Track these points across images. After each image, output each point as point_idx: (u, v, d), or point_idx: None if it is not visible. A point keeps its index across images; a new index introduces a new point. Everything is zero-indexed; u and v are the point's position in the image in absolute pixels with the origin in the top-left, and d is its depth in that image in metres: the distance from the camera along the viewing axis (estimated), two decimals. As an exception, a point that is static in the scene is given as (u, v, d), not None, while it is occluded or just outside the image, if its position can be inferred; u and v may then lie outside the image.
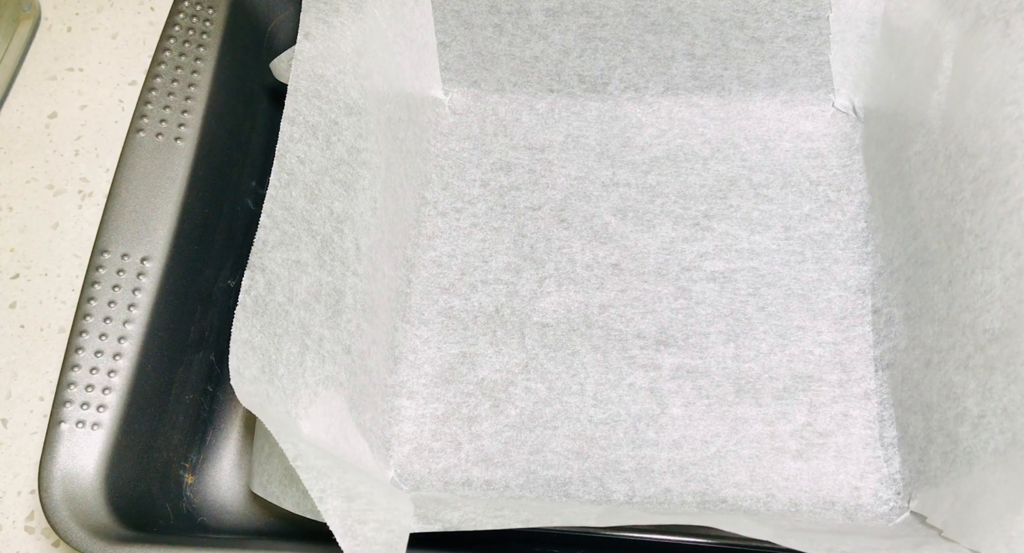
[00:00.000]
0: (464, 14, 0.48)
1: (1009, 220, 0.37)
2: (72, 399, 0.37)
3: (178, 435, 0.42)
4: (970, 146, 0.39)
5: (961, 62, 0.40)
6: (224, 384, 0.45)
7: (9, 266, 0.50)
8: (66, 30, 0.57)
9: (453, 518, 0.33)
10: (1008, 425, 0.35)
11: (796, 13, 0.48)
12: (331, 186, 0.40)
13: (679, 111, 0.51)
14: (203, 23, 0.45)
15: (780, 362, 0.44)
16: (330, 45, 0.42)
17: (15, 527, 0.44)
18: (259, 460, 0.38)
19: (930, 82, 0.42)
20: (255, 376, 0.35)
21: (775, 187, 0.49)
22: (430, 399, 0.44)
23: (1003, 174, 0.37)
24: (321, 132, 0.40)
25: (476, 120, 0.52)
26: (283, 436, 0.32)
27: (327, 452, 0.35)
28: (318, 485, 0.31)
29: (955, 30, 0.41)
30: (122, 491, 0.37)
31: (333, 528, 0.31)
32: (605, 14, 0.48)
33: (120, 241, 0.40)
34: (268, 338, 0.36)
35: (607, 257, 0.47)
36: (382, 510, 0.33)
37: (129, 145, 0.42)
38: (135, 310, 0.39)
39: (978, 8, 0.40)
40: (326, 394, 0.38)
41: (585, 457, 0.42)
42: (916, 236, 0.43)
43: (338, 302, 0.40)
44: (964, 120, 0.40)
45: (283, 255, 0.37)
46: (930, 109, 0.42)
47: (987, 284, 0.37)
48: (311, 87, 0.41)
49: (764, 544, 0.34)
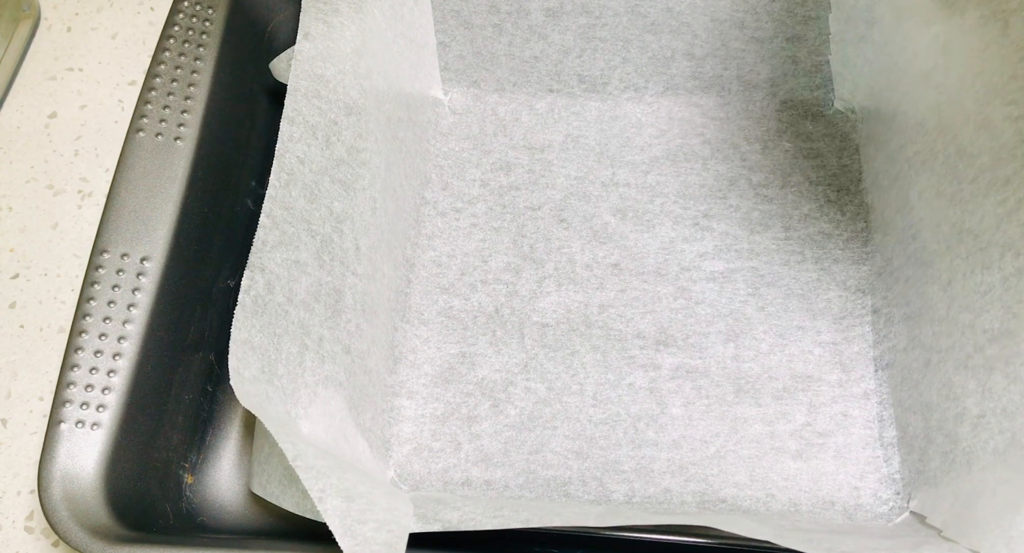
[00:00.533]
0: (464, 14, 0.48)
1: (1008, 220, 0.37)
2: (72, 399, 0.37)
3: (178, 435, 0.42)
4: (969, 146, 0.39)
5: (960, 62, 0.40)
6: (224, 384, 0.45)
7: (9, 266, 0.50)
8: (66, 30, 0.57)
9: (453, 518, 0.33)
10: (1008, 425, 0.35)
11: (796, 13, 0.48)
12: (331, 186, 0.40)
13: (679, 111, 0.51)
14: (203, 23, 0.45)
15: (780, 362, 0.44)
16: (330, 45, 0.42)
17: (15, 527, 0.44)
18: (259, 460, 0.38)
19: (929, 82, 0.42)
20: (255, 376, 0.35)
21: (775, 187, 0.49)
22: (430, 399, 0.44)
23: (1002, 174, 0.37)
24: (321, 132, 0.40)
25: (476, 120, 0.52)
26: (282, 436, 0.32)
27: (327, 452, 0.35)
28: (318, 485, 0.31)
29: (955, 30, 0.41)
30: (122, 491, 0.37)
31: (333, 528, 0.31)
32: (605, 14, 0.48)
33: (120, 241, 0.40)
34: (267, 338, 0.36)
35: (607, 257, 0.47)
36: (381, 510, 0.33)
37: (129, 145, 0.42)
38: (135, 310, 0.39)
39: (978, 8, 0.40)
40: (325, 394, 0.38)
41: (585, 457, 0.42)
42: (916, 236, 0.43)
43: (338, 302, 0.40)
44: (963, 120, 0.40)
45: (283, 255, 0.37)
46: (929, 109, 0.42)
47: (987, 284, 0.37)
48: (311, 87, 0.41)
49: (764, 544, 0.34)
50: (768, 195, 0.49)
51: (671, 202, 0.49)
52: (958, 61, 0.41)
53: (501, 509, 0.34)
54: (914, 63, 0.44)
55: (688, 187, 0.49)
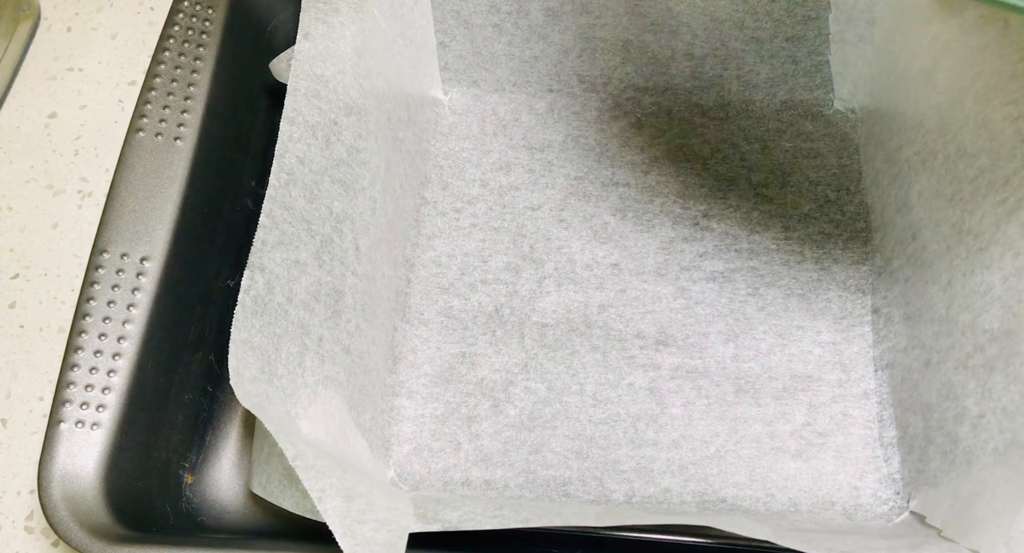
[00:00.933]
0: (464, 14, 0.48)
1: (1008, 220, 0.37)
2: (71, 399, 0.37)
3: (177, 435, 0.42)
4: (969, 146, 0.39)
5: (960, 62, 0.40)
6: (224, 384, 0.45)
7: (9, 266, 0.50)
8: (66, 30, 0.57)
9: (452, 518, 0.33)
10: (1008, 425, 0.35)
11: (795, 13, 0.48)
12: (330, 186, 0.40)
13: (679, 111, 0.51)
14: (203, 23, 0.45)
15: (779, 362, 0.44)
16: (329, 45, 0.42)
17: (14, 527, 0.44)
18: (259, 460, 0.38)
19: (929, 82, 0.42)
20: (255, 376, 0.35)
21: (774, 187, 0.49)
22: (429, 399, 0.44)
23: (1002, 174, 0.37)
24: (320, 132, 0.40)
25: (476, 120, 0.52)
26: (282, 436, 0.32)
27: (327, 452, 0.35)
28: (317, 485, 0.31)
29: (955, 30, 0.41)
30: (121, 491, 0.37)
31: (333, 528, 0.31)
32: (605, 14, 0.48)
33: (119, 241, 0.40)
34: (267, 338, 0.36)
35: (607, 257, 0.47)
36: (381, 510, 0.33)
37: (129, 145, 0.42)
38: (134, 310, 0.39)
39: (977, 7, 0.40)
40: (325, 394, 0.38)
41: (585, 457, 0.42)
42: (915, 236, 0.43)
43: (337, 302, 0.40)
44: (963, 120, 0.40)
45: (282, 255, 0.37)
46: (929, 109, 0.42)
47: (986, 284, 0.37)
48: (310, 87, 0.41)
49: (764, 544, 0.34)
50: (768, 195, 0.49)
51: (671, 202, 0.49)
52: (958, 61, 0.41)
53: (501, 509, 0.34)
54: (914, 63, 0.44)
55: (688, 187, 0.49)
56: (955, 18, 0.41)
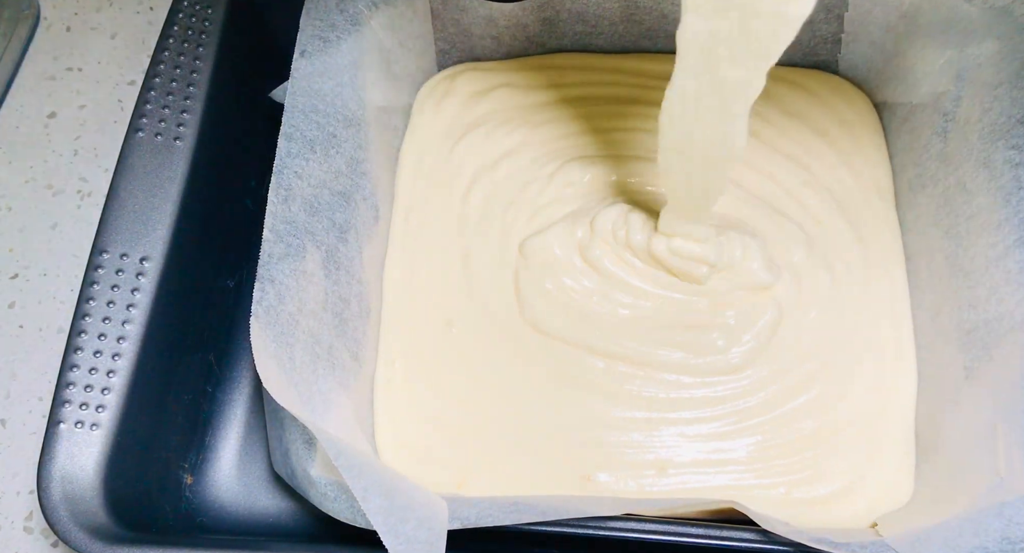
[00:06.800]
0: (463, 23, 0.48)
1: (996, 266, 0.37)
2: (71, 399, 0.37)
3: (177, 435, 0.42)
4: (969, 183, 0.39)
5: (971, 94, 0.40)
6: (223, 384, 0.45)
7: (8, 266, 0.50)
8: (65, 30, 0.57)
9: (470, 515, 0.33)
10: None
11: None
12: (331, 198, 0.40)
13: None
14: (202, 23, 0.45)
15: None
16: (327, 60, 0.42)
17: (14, 527, 0.44)
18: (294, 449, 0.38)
19: (938, 107, 0.42)
20: (280, 383, 0.35)
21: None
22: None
23: (996, 218, 0.37)
24: (319, 146, 0.40)
25: None
26: (323, 435, 0.32)
27: (360, 451, 0.35)
28: (360, 483, 0.31)
29: (970, 60, 0.40)
30: (121, 491, 0.37)
31: (376, 526, 0.30)
32: (600, 23, 0.48)
33: (119, 241, 0.40)
34: (281, 348, 0.36)
35: None
36: (420, 507, 0.33)
37: (128, 145, 0.42)
38: (134, 310, 0.39)
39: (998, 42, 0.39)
40: (338, 401, 0.38)
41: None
42: (909, 258, 0.43)
43: (344, 310, 0.40)
44: (966, 154, 0.40)
45: (290, 266, 0.37)
46: (935, 135, 0.42)
47: (971, 322, 0.38)
48: (308, 103, 0.40)
49: (763, 542, 0.34)
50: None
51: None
52: (968, 92, 0.40)
53: (516, 504, 0.34)
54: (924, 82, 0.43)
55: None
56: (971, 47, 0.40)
